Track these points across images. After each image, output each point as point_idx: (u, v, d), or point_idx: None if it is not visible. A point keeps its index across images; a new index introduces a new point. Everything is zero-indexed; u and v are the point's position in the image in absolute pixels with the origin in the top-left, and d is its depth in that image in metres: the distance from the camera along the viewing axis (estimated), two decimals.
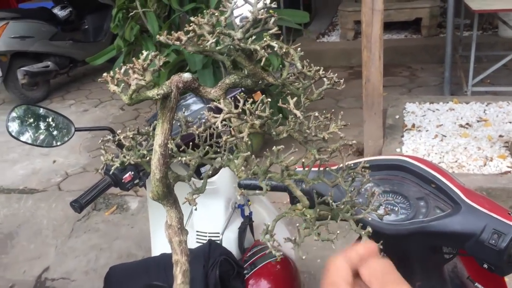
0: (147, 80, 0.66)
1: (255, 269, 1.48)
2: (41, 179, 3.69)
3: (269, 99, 0.62)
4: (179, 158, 0.69)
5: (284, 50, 0.66)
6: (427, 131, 3.30)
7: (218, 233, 1.53)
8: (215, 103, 0.64)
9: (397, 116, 3.56)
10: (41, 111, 1.24)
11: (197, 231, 1.56)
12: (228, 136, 0.62)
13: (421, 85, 4.80)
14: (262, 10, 0.63)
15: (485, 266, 1.01)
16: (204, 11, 0.63)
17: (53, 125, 1.24)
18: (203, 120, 0.66)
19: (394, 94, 4.45)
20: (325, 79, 0.73)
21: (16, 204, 3.39)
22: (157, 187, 0.73)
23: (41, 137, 1.22)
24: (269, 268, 1.52)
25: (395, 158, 1.12)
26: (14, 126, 1.19)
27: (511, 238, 0.94)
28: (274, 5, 0.63)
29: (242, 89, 1.20)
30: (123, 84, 0.67)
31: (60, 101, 5.38)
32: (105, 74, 0.65)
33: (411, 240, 1.07)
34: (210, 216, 1.55)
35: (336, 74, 0.77)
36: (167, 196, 0.75)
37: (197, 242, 1.55)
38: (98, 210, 3.23)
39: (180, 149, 0.78)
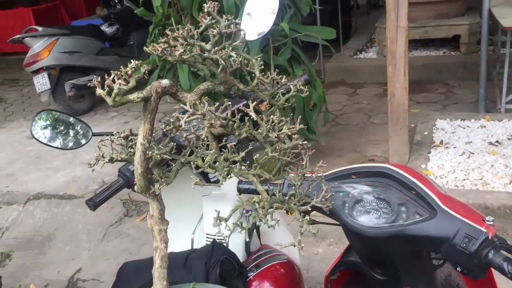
0: (130, 85, 0.77)
1: (258, 271, 1.55)
2: (80, 186, 3.89)
3: (230, 103, 0.71)
4: (150, 152, 0.78)
5: (245, 61, 0.74)
6: (455, 148, 3.28)
7: (226, 236, 1.62)
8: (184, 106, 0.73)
9: (426, 133, 3.56)
10: (62, 116, 1.38)
11: (206, 234, 1.66)
12: (188, 134, 0.71)
13: (457, 102, 4.75)
14: (227, 26, 0.73)
15: (459, 269, 1.05)
16: (179, 25, 0.73)
17: (72, 129, 1.37)
18: (172, 120, 0.75)
19: (428, 110, 4.43)
20: (291, 86, 0.81)
21: (55, 208, 3.60)
22: (140, 180, 0.83)
23: (61, 140, 1.36)
24: (273, 270, 1.59)
25: (380, 166, 1.18)
26: (37, 129, 1.33)
27: (481, 242, 0.99)
28: (238, 20, 0.72)
29: (245, 102, 1.29)
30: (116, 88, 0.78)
31: (103, 113, 5.64)
32: (94, 79, 0.76)
33: (391, 243, 1.12)
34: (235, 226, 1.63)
35: (300, 83, 0.84)
36: (149, 189, 0.85)
37: (207, 243, 1.64)
38: (129, 216, 3.39)
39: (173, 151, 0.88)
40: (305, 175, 0.78)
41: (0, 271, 2.62)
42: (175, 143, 0.89)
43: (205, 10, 0.72)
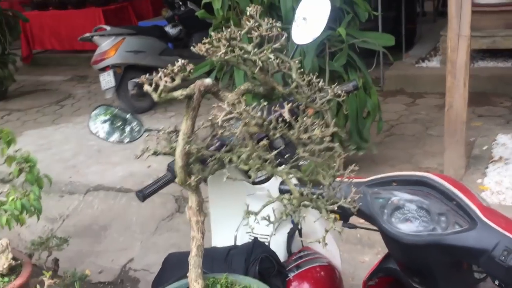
0: (174, 83, 0.82)
1: (298, 271, 1.57)
2: (136, 181, 4.05)
3: (266, 103, 0.74)
4: (188, 146, 0.83)
5: (283, 63, 0.77)
6: None
7: (268, 235, 1.65)
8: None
9: (485, 147, 3.44)
10: (117, 111, 1.46)
11: (250, 232, 1.70)
12: (223, 131, 0.75)
13: None
14: (268, 29, 0.76)
15: (496, 282, 1.03)
16: (223, 27, 0.78)
17: (127, 124, 1.45)
18: (210, 118, 0.80)
19: (490, 124, 4.27)
20: (329, 90, 0.83)
21: (112, 201, 3.77)
22: (180, 173, 0.88)
23: (115, 134, 1.44)
24: (313, 272, 1.60)
25: (421, 174, 1.18)
26: (94, 123, 1.42)
27: None
28: (278, 24, 0.76)
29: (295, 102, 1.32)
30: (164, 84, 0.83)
31: (162, 112, 5.82)
32: (142, 77, 0.82)
33: (430, 252, 1.12)
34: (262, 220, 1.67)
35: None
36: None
37: (249, 241, 1.68)
38: (181, 212, 3.49)
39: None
40: (336, 177, 0.80)
41: (58, 255, 2.78)
42: (218, 141, 0.94)
43: (248, 13, 0.76)
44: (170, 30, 6.44)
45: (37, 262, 2.92)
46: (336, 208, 0.81)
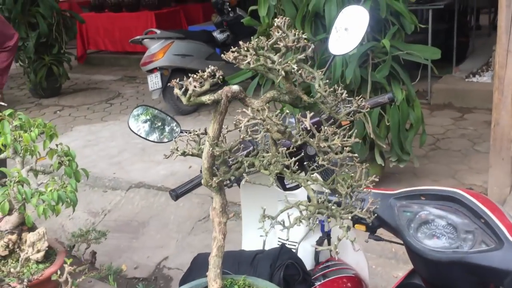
0: (203, 88, 0.85)
1: (324, 281, 1.58)
2: (177, 180, 4.14)
3: (287, 111, 0.76)
4: (211, 148, 0.85)
5: (305, 73, 0.79)
6: None
7: (296, 242, 1.66)
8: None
9: None
10: (157, 112, 1.52)
11: (278, 238, 1.71)
12: (245, 136, 0.77)
13: None
14: (296, 40, 0.78)
15: None
16: (252, 37, 0.80)
17: (164, 124, 1.51)
18: (234, 123, 0.82)
19: None
20: (354, 102, 0.84)
21: (152, 198, 3.87)
22: (205, 174, 0.91)
23: (155, 134, 1.49)
24: (339, 283, 1.60)
25: (450, 190, 1.17)
26: (135, 123, 1.48)
27: None
28: (305, 35, 0.78)
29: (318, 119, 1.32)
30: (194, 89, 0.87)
31: (206, 114, 5.93)
32: (173, 81, 0.86)
33: (454, 270, 1.10)
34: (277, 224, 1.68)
35: (361, 104, 0.87)
36: (214, 184, 0.93)
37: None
38: None
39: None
40: (357, 187, 0.81)
41: (97, 248, 2.88)
42: (246, 147, 0.97)
43: (275, 24, 0.78)
44: (218, 35, 6.55)
45: (76, 254, 3.04)
46: (350, 218, 0.82)
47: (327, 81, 0.83)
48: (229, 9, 6.42)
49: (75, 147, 1.79)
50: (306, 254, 1.65)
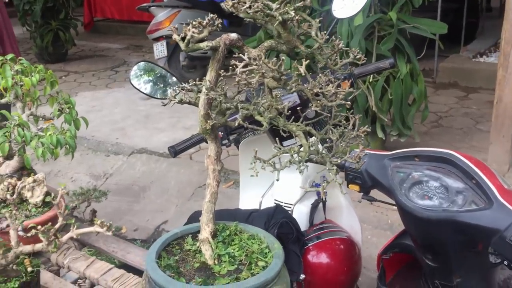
0: (202, 35, 0.86)
1: (317, 241, 1.61)
2: None
3: (283, 58, 0.78)
4: (207, 92, 0.87)
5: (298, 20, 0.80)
6: None
7: (292, 204, 1.69)
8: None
9: None
10: (158, 69, 1.53)
11: (274, 199, 1.74)
12: (240, 80, 0.78)
13: None
14: None
15: (505, 263, 1.04)
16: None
17: (164, 80, 1.52)
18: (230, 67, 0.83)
19: None
20: (350, 53, 0.85)
21: (154, 164, 3.91)
22: (201, 122, 0.92)
23: (155, 89, 1.51)
24: (332, 244, 1.63)
25: (444, 151, 1.18)
26: (135, 78, 1.49)
27: None
28: None
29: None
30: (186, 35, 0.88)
31: None
32: (172, 26, 0.87)
33: (443, 228, 1.12)
34: (288, 188, 1.70)
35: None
36: (210, 132, 0.95)
37: None
38: None
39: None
40: (346, 133, 0.82)
41: (97, 209, 2.92)
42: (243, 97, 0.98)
43: None
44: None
45: (77, 214, 3.09)
46: (339, 162, 0.84)
47: (326, 33, 0.84)
48: None
49: (79, 112, 1.81)
50: (300, 215, 1.68)
